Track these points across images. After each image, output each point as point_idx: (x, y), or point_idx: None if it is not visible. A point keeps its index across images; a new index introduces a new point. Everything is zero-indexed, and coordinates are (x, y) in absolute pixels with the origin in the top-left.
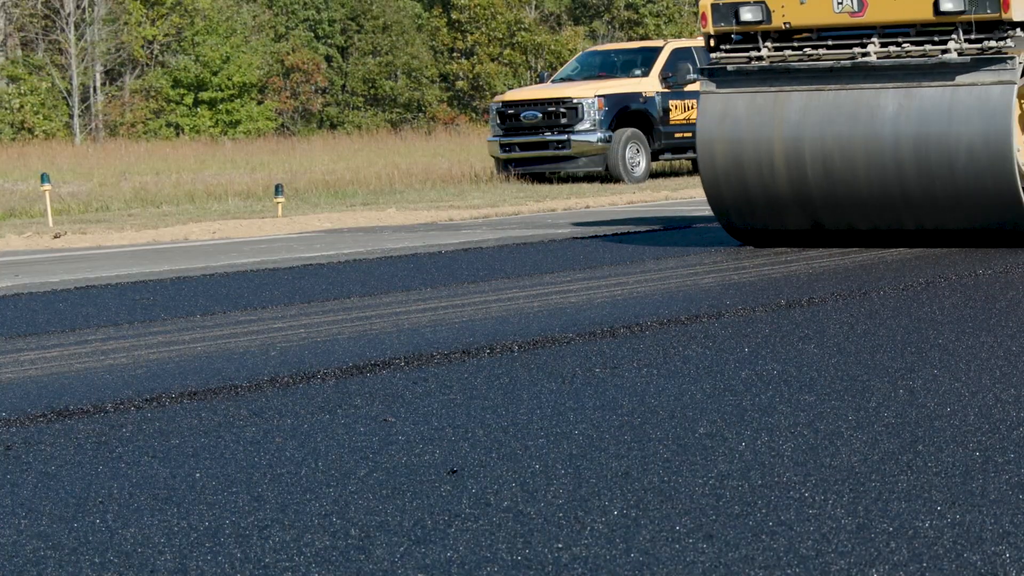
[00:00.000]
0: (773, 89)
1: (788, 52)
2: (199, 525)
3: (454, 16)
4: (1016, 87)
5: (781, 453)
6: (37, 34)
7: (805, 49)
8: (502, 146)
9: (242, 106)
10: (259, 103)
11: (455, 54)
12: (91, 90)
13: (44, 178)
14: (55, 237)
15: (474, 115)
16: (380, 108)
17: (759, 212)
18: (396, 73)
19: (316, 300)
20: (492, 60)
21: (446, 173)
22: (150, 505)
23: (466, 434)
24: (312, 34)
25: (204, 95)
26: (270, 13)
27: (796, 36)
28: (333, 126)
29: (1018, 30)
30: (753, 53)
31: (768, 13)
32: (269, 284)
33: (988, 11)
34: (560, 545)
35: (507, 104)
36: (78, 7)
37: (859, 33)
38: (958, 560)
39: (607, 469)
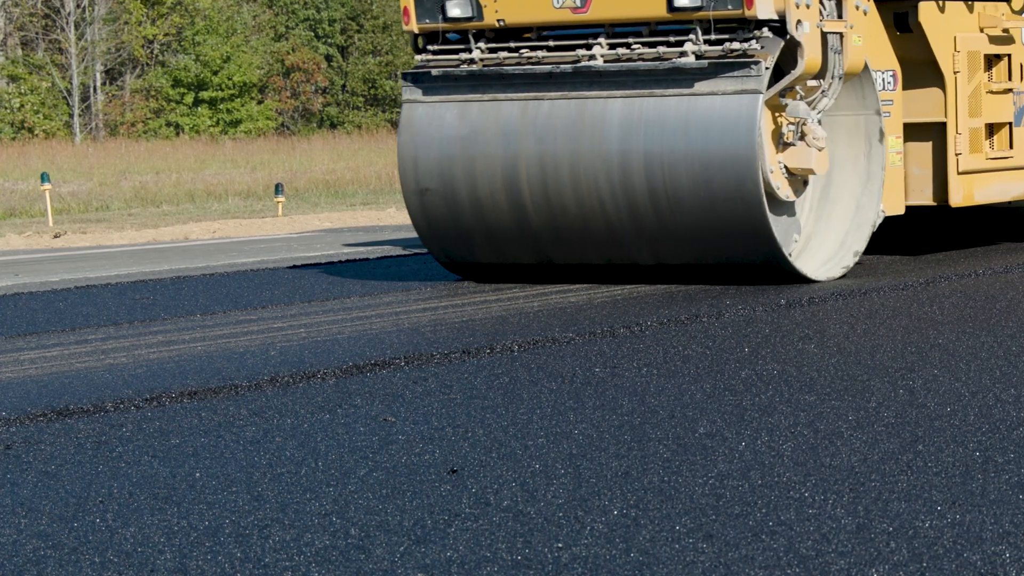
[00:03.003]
0: (486, 97)
1: (504, 54)
2: (199, 525)
3: None
4: (763, 96)
5: (781, 453)
6: (37, 33)
7: (523, 51)
8: None
9: (242, 105)
10: (259, 102)
11: None
12: (91, 89)
13: (44, 177)
14: (55, 236)
15: None
16: (380, 108)
17: (477, 244)
18: (396, 73)
19: (316, 300)
20: None
21: None
22: (150, 505)
23: (466, 434)
24: (312, 34)
25: (204, 94)
26: (270, 13)
27: (526, 36)
28: (333, 126)
29: (765, 29)
30: (464, 55)
31: (479, 8)
32: (269, 284)
33: (729, 7)
34: (560, 545)
35: None
36: (78, 6)
37: (585, 32)
38: (958, 560)
39: (607, 469)
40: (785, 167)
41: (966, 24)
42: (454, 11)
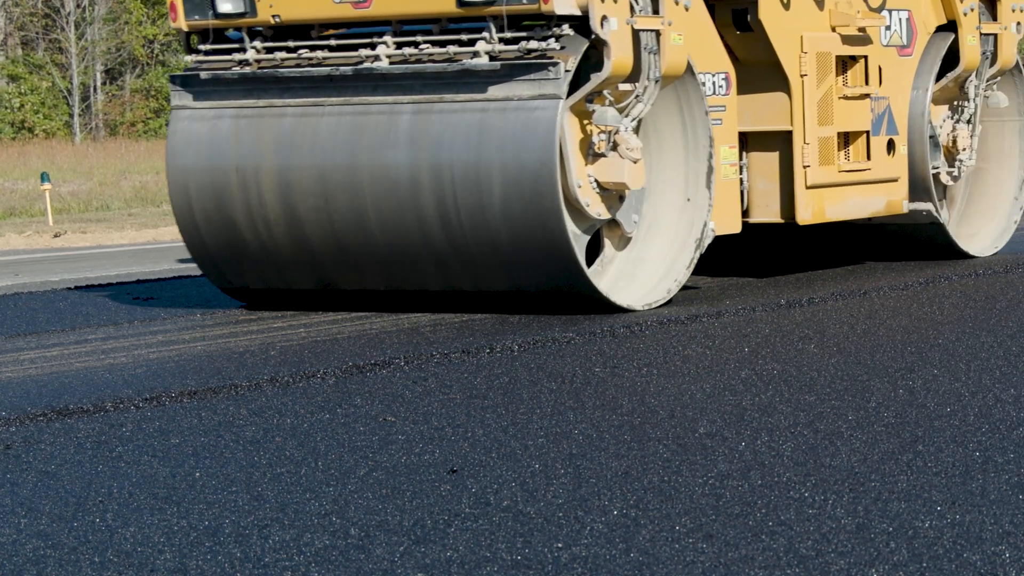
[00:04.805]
0: (261, 103)
1: (282, 55)
2: (199, 524)
3: None
4: (563, 102)
5: (781, 453)
6: (37, 33)
7: (302, 51)
8: None
9: None
10: None
11: None
12: (91, 89)
13: (44, 177)
14: (55, 236)
15: None
16: None
17: (254, 267)
18: None
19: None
20: None
21: None
22: (150, 505)
23: (466, 434)
24: None
25: None
26: None
27: (321, 35)
28: None
29: (566, 27)
30: (238, 56)
31: (252, 4)
32: None
33: (524, 2)
34: (560, 545)
35: None
36: (78, 6)
37: (370, 31)
38: (958, 560)
39: (607, 469)
40: (596, 181)
41: (815, 22)
42: (225, 6)
